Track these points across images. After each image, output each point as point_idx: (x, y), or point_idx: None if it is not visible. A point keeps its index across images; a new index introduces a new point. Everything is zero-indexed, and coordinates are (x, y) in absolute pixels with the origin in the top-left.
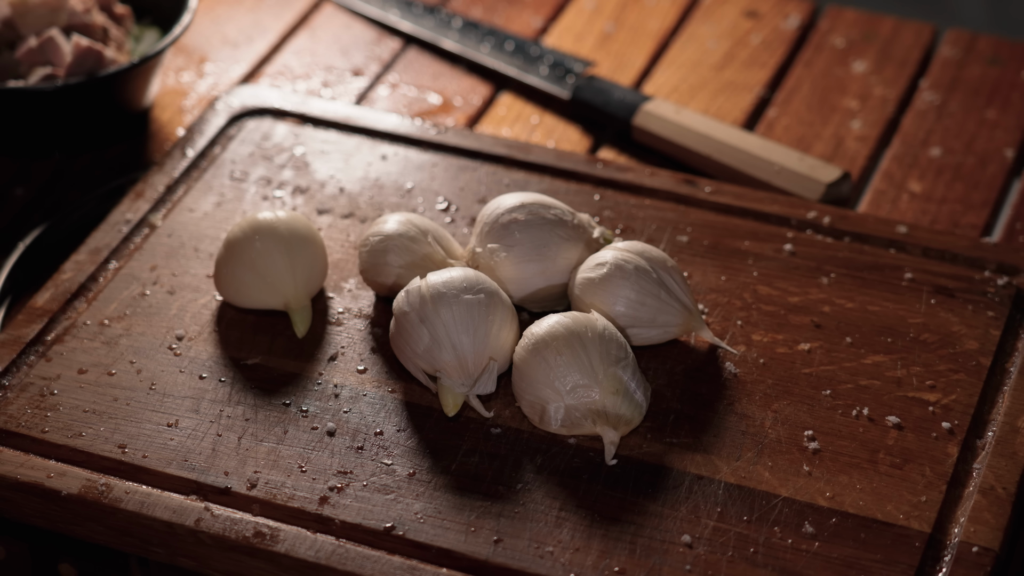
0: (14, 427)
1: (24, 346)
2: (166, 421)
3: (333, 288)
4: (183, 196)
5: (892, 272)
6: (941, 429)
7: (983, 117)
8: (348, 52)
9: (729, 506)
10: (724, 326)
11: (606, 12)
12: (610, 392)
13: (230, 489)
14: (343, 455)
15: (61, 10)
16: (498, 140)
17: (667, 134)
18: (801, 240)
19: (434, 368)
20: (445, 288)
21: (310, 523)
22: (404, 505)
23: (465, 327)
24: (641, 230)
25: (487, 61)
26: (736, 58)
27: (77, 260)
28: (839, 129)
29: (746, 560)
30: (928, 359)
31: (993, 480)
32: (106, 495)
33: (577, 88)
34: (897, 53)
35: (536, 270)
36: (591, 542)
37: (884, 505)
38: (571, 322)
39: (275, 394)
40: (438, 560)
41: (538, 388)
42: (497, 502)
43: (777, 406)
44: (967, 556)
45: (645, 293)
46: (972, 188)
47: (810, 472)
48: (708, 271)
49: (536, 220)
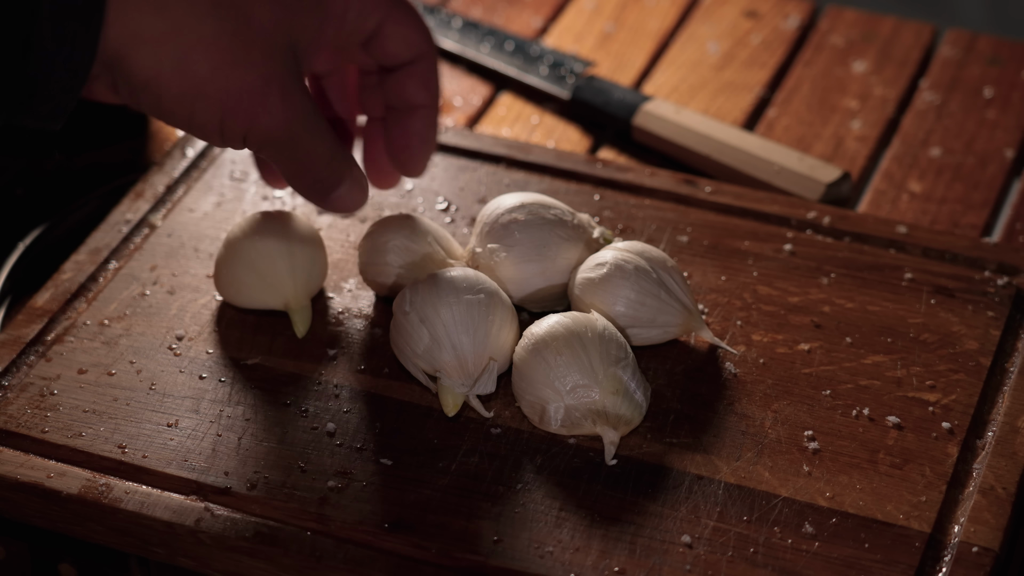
0: (14, 427)
1: (24, 346)
2: (166, 421)
3: (333, 288)
4: (183, 196)
5: (892, 272)
6: (941, 429)
7: (983, 117)
8: None
9: (729, 506)
10: (724, 326)
11: (606, 12)
12: (610, 392)
13: (230, 489)
14: (343, 455)
15: None
16: (498, 140)
17: (667, 134)
18: (801, 240)
19: (434, 368)
20: (445, 288)
21: (310, 523)
22: (404, 505)
23: (465, 327)
24: (641, 230)
25: (487, 61)
26: (736, 58)
27: (77, 260)
28: (839, 129)
29: (746, 560)
30: (928, 359)
31: (993, 480)
32: (106, 495)
33: (577, 88)
34: (897, 53)
35: (536, 270)
36: (591, 542)
37: (884, 505)
38: (571, 322)
39: (275, 394)
40: (438, 560)
41: (538, 388)
42: (497, 502)
43: (777, 406)
44: (967, 556)
45: (645, 293)
46: (972, 188)
47: (810, 472)
48: (708, 271)
49: (536, 220)
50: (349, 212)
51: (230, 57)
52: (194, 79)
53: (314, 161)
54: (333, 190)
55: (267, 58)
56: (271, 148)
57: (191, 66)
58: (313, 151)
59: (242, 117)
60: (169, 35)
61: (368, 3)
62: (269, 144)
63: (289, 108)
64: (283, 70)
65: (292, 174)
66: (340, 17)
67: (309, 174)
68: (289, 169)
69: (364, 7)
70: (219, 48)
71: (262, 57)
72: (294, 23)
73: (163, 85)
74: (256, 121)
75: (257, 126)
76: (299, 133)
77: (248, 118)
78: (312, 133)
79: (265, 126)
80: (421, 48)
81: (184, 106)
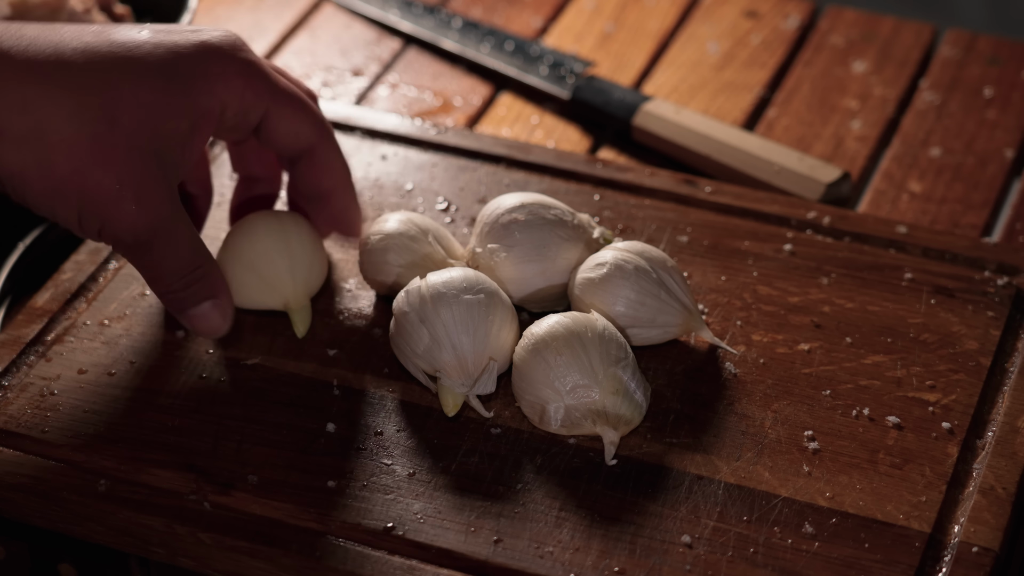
0: (14, 427)
1: (24, 346)
2: (166, 421)
3: (333, 288)
4: None
5: (892, 272)
6: (941, 429)
7: (983, 117)
8: (348, 52)
9: (729, 506)
10: (724, 326)
11: (606, 12)
12: (610, 392)
13: (230, 489)
14: (343, 455)
15: (61, 10)
16: (498, 140)
17: (667, 134)
18: (801, 240)
19: (434, 368)
20: (445, 288)
21: (310, 523)
22: (404, 505)
23: (465, 327)
24: (641, 230)
25: (487, 61)
26: (736, 58)
27: (77, 260)
28: (839, 129)
29: (746, 560)
30: (928, 359)
31: (993, 480)
32: (106, 495)
33: (577, 88)
34: (897, 53)
35: (536, 270)
36: (591, 542)
37: (884, 505)
38: (571, 322)
39: (275, 394)
40: (438, 560)
41: (538, 388)
42: (497, 502)
43: (777, 406)
44: (967, 556)
45: (645, 293)
46: (972, 188)
47: (810, 472)
48: (708, 271)
49: (536, 220)
50: (205, 336)
51: (89, 159)
52: (54, 178)
53: (167, 272)
54: (189, 307)
55: (126, 161)
56: (123, 248)
57: (52, 166)
58: (166, 261)
59: (96, 216)
60: (32, 134)
61: (248, 99)
62: (120, 244)
63: (143, 213)
64: (143, 173)
65: (146, 279)
66: (216, 116)
67: (161, 283)
68: (143, 273)
69: (244, 103)
70: (79, 149)
71: (121, 160)
72: (160, 127)
73: (26, 181)
74: (108, 221)
75: (109, 226)
76: (151, 239)
77: (101, 218)
78: (167, 242)
79: (116, 227)
80: (311, 139)
81: (46, 201)
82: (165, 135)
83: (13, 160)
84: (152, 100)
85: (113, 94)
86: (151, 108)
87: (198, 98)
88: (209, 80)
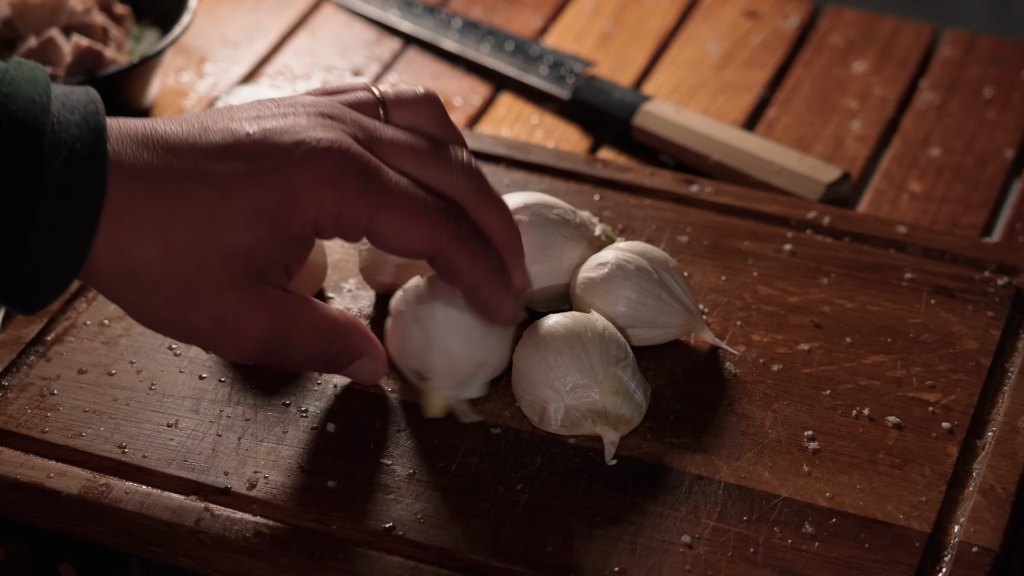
0: (14, 427)
1: (24, 346)
2: (166, 421)
3: (333, 288)
4: None
5: (892, 272)
6: (941, 429)
7: (983, 117)
8: (348, 52)
9: (729, 506)
10: (724, 326)
11: (606, 12)
12: (610, 392)
13: (230, 489)
14: (343, 455)
15: (61, 10)
16: (498, 140)
17: (667, 134)
18: (801, 240)
19: (425, 368)
20: (441, 289)
21: (310, 523)
22: (404, 505)
23: (458, 330)
24: (641, 230)
25: (487, 61)
26: (736, 58)
27: None
28: (839, 129)
29: (746, 560)
30: (928, 359)
31: (993, 480)
32: (106, 495)
33: (577, 88)
34: (897, 53)
35: (542, 271)
36: (591, 542)
37: (884, 505)
38: (571, 322)
39: (275, 394)
40: (438, 560)
41: (538, 388)
42: (497, 502)
43: (777, 406)
44: (967, 556)
45: (646, 293)
46: (972, 188)
47: (810, 472)
48: (708, 271)
49: (540, 221)
50: (370, 382)
51: (182, 301)
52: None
53: (302, 363)
54: (339, 371)
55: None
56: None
57: (147, 307)
58: (294, 358)
59: (206, 347)
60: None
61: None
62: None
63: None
64: (236, 308)
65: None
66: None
67: (303, 368)
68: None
69: (340, 223)
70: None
71: (212, 302)
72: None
73: (132, 315)
74: (219, 351)
75: (222, 354)
76: (268, 353)
77: (210, 348)
78: (285, 348)
79: (228, 355)
80: (423, 249)
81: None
82: (259, 267)
83: (112, 297)
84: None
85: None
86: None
87: (289, 227)
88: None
